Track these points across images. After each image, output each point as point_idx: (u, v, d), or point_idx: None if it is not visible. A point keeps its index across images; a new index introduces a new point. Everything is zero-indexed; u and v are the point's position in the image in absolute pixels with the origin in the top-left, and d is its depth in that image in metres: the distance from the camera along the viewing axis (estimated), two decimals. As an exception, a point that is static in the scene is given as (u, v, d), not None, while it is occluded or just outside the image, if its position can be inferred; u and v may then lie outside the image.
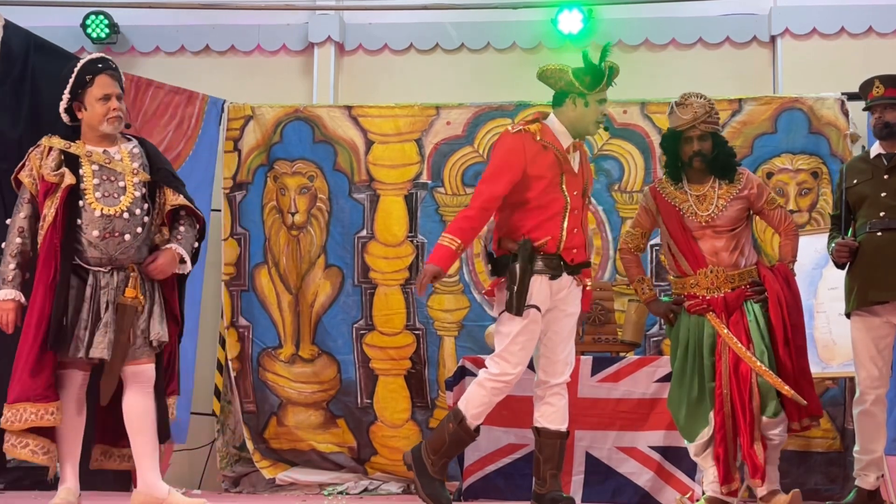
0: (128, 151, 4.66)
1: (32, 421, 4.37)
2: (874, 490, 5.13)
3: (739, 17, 7.42)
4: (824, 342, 5.92)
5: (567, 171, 4.70)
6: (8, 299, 4.49)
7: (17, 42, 6.12)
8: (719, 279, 4.88)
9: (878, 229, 4.98)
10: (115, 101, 4.60)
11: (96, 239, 4.49)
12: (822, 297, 5.98)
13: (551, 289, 4.68)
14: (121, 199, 4.55)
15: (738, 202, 4.93)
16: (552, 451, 4.74)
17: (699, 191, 4.97)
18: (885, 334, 5.04)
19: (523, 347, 4.65)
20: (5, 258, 4.52)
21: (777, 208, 5.05)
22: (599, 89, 4.76)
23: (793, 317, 4.83)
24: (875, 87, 5.12)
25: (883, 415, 5.05)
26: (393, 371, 6.81)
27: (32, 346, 4.40)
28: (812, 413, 4.79)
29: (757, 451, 4.69)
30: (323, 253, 6.96)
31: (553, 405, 4.73)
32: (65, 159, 4.56)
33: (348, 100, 7.42)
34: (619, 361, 5.94)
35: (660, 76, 7.24)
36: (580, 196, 4.74)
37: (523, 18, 7.49)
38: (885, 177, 5.05)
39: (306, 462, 6.83)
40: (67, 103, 4.63)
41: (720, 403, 4.77)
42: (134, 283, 4.54)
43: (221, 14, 7.68)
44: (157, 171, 4.69)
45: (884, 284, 4.92)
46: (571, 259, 4.71)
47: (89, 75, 4.60)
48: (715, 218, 4.91)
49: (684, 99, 4.96)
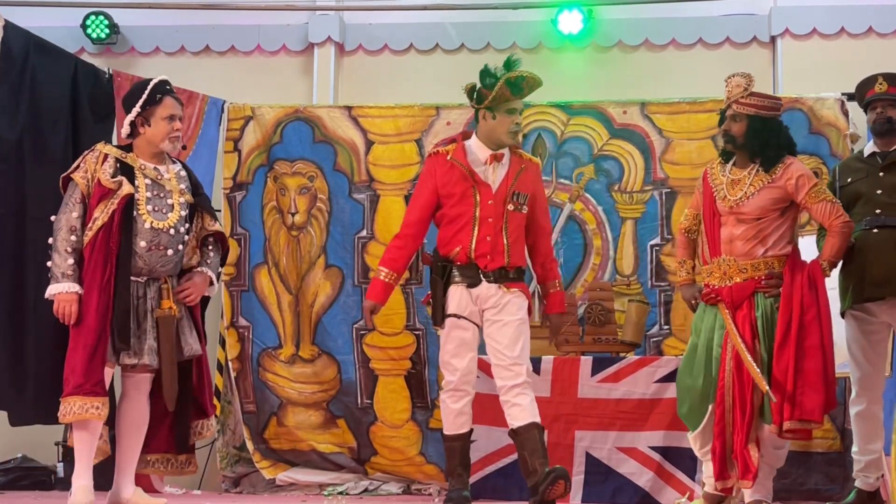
0: (175, 172, 4.92)
1: (78, 414, 4.56)
2: (874, 491, 5.13)
3: (739, 17, 7.42)
4: (824, 343, 5.90)
5: (479, 182, 4.96)
6: (72, 291, 4.66)
7: (16, 42, 6.12)
8: (730, 269, 4.78)
9: (874, 226, 4.98)
10: (178, 123, 4.86)
11: (143, 250, 4.71)
12: (822, 297, 5.97)
13: (471, 296, 4.95)
14: (168, 215, 4.79)
15: (770, 191, 4.77)
16: (534, 443, 4.86)
17: (737, 174, 4.86)
18: (880, 334, 5.03)
19: (454, 354, 4.96)
20: (60, 253, 4.70)
21: (823, 202, 4.75)
22: (506, 101, 4.91)
23: (806, 315, 4.64)
24: (878, 83, 5.10)
25: (880, 415, 5.04)
26: (393, 371, 6.81)
27: (87, 343, 4.59)
28: (804, 417, 4.57)
29: (751, 452, 4.62)
30: (323, 253, 6.96)
31: (519, 404, 4.90)
32: (120, 168, 4.76)
33: (348, 100, 7.42)
34: (619, 362, 5.94)
35: (660, 76, 7.25)
36: (499, 204, 4.94)
37: (523, 19, 7.49)
38: (880, 174, 5.05)
39: (306, 462, 6.82)
40: (135, 117, 4.81)
41: (720, 397, 4.70)
42: (168, 295, 4.78)
43: (221, 14, 7.68)
44: (199, 195, 4.98)
45: (880, 281, 4.91)
46: (485, 266, 4.94)
47: (159, 94, 4.83)
48: (741, 204, 4.78)
49: (729, 78, 4.90)
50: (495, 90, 4.91)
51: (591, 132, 6.82)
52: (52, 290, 4.68)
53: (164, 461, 4.96)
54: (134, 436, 4.83)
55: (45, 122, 6.25)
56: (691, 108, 6.72)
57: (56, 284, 4.67)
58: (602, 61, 7.51)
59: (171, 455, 4.96)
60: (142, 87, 4.86)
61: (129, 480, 4.87)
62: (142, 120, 4.82)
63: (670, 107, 6.74)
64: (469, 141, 5.08)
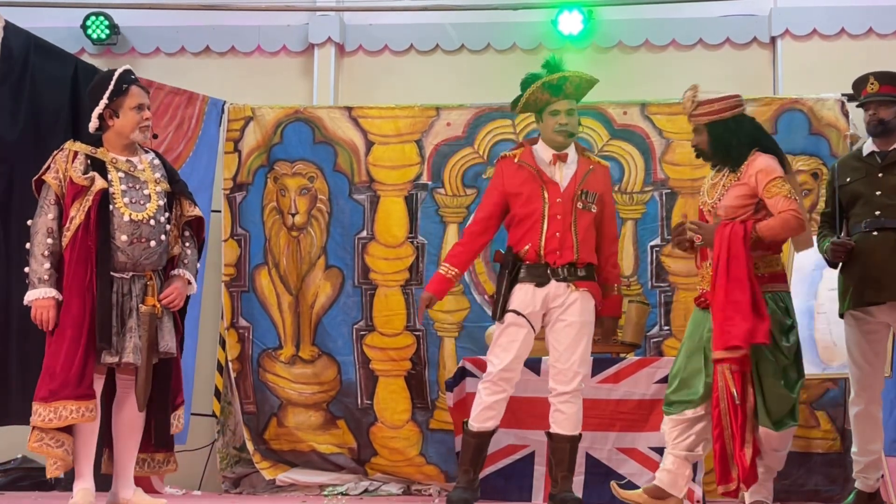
0: (148, 162, 4.85)
1: (73, 418, 4.51)
2: (874, 492, 5.12)
3: (739, 17, 7.42)
4: (824, 343, 5.90)
5: (547, 181, 5.08)
6: (48, 297, 4.61)
7: (17, 43, 6.12)
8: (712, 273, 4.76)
9: (874, 228, 4.95)
10: (147, 112, 4.80)
11: (124, 244, 4.64)
12: (822, 297, 5.96)
13: (538, 296, 5.03)
14: (146, 205, 4.72)
15: (737, 189, 4.77)
16: (563, 454, 5.05)
17: (715, 178, 4.90)
18: (879, 334, 5.02)
19: (504, 348, 5.04)
20: (36, 258, 4.65)
21: (777, 196, 4.66)
22: (547, 103, 5.11)
23: (733, 247, 4.58)
24: (870, 83, 5.07)
25: (880, 415, 5.03)
26: (393, 372, 6.81)
27: (73, 346, 4.53)
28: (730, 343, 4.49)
29: (746, 454, 4.58)
30: (323, 254, 6.96)
31: (564, 412, 5.04)
32: (91, 164, 4.69)
33: (348, 101, 7.41)
34: (619, 362, 5.94)
35: (660, 77, 7.24)
36: (567, 202, 5.05)
37: (523, 19, 7.49)
38: (879, 175, 5.01)
39: (306, 463, 6.82)
40: (103, 109, 4.75)
41: (716, 399, 4.66)
42: (152, 292, 4.71)
43: (222, 15, 7.68)
44: (175, 182, 4.91)
45: (880, 284, 4.89)
46: (554, 261, 5.02)
47: (126, 84, 4.77)
48: (717, 206, 4.81)
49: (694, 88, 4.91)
50: (526, 96, 5.14)
51: (591, 133, 6.82)
52: (30, 296, 4.63)
53: (141, 461, 4.90)
54: (130, 436, 4.79)
55: (45, 122, 6.25)
56: (691, 109, 6.72)
57: (33, 290, 4.62)
58: (602, 62, 7.50)
59: (148, 455, 4.91)
60: (106, 78, 4.80)
61: (129, 481, 4.84)
62: (110, 112, 4.76)
63: (670, 107, 6.73)
64: (535, 145, 5.26)
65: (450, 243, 6.81)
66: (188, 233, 4.95)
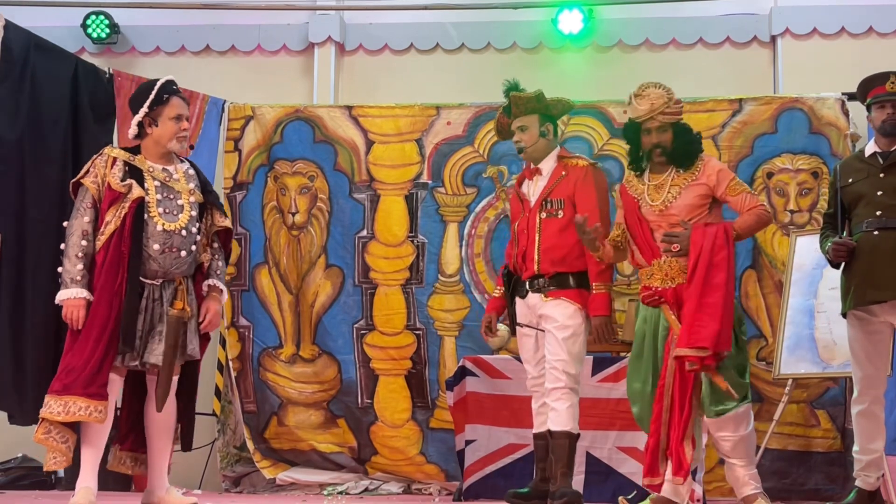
0: (183, 172, 4.94)
1: (81, 415, 4.57)
2: (874, 490, 5.12)
3: (740, 17, 7.43)
4: (825, 342, 5.90)
5: (524, 199, 5.36)
6: (80, 297, 4.68)
7: (17, 42, 6.12)
8: (672, 270, 4.76)
9: (875, 228, 4.93)
10: (185, 122, 4.88)
11: (156, 252, 4.73)
12: (822, 297, 5.97)
13: (526, 306, 5.28)
14: (179, 216, 4.81)
15: (694, 189, 4.80)
16: (561, 451, 5.10)
17: (657, 180, 4.88)
18: (882, 333, 5.02)
19: (526, 360, 5.39)
20: (70, 259, 4.72)
21: (741, 194, 4.80)
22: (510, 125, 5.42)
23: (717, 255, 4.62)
24: (890, 81, 5.01)
25: (881, 414, 5.02)
26: (393, 371, 6.81)
27: (96, 346, 4.61)
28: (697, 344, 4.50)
29: (685, 449, 4.59)
30: (323, 253, 6.96)
31: (556, 409, 5.13)
32: (129, 171, 4.78)
33: (348, 100, 7.42)
34: (619, 361, 5.93)
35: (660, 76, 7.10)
36: (532, 216, 5.27)
37: (524, 18, 7.50)
38: (881, 175, 4.99)
39: (307, 462, 6.82)
40: (143, 117, 4.83)
41: (660, 394, 4.68)
42: (182, 296, 4.79)
43: (222, 14, 7.68)
44: (208, 192, 5.00)
45: (881, 284, 4.88)
46: (522, 276, 5.28)
47: (166, 94, 4.85)
48: (669, 206, 4.81)
49: (642, 90, 4.90)
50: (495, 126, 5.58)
51: (591, 132, 6.82)
52: (62, 295, 4.70)
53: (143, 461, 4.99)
54: (163, 436, 4.88)
55: (45, 122, 6.25)
56: (691, 108, 6.67)
57: (65, 290, 4.69)
58: (602, 61, 7.51)
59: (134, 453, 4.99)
60: (149, 87, 4.88)
61: (162, 480, 4.91)
62: (149, 120, 4.84)
63: (670, 107, 6.72)
64: None
65: (450, 242, 6.83)
66: (217, 244, 5.04)
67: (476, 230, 6.86)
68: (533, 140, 5.33)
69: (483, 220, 6.86)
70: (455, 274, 6.82)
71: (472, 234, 6.86)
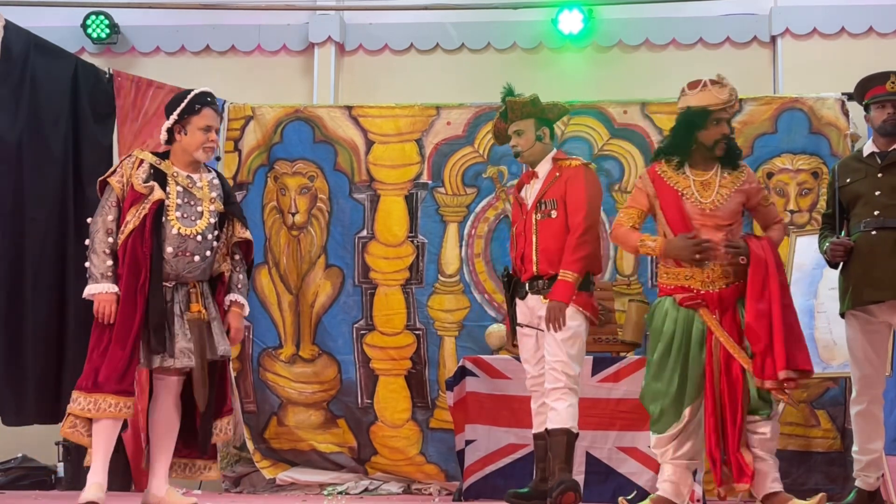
0: (208, 181, 5.02)
1: (111, 412, 4.66)
2: (874, 490, 5.12)
3: (740, 17, 7.43)
4: (825, 342, 5.90)
5: (521, 202, 5.43)
6: (111, 292, 4.76)
7: (17, 42, 6.12)
8: (715, 273, 4.69)
9: (873, 228, 4.93)
10: (214, 134, 4.98)
11: (169, 255, 4.81)
12: (822, 297, 5.96)
13: (526, 306, 5.32)
14: (197, 222, 4.90)
15: (738, 195, 4.78)
16: (559, 447, 5.12)
17: (702, 177, 4.80)
18: (880, 333, 5.02)
19: (524, 360, 5.43)
20: (98, 254, 4.81)
21: (771, 206, 5.01)
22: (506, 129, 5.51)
23: (781, 275, 4.65)
24: (890, 81, 5.00)
25: (880, 414, 5.02)
26: (393, 371, 6.81)
27: (119, 344, 4.68)
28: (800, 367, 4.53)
29: (745, 455, 4.56)
30: (323, 253, 6.96)
31: (555, 408, 5.14)
32: (154, 174, 4.88)
33: (348, 100, 7.42)
34: (619, 361, 5.94)
35: (660, 76, 7.25)
36: (528, 218, 5.32)
37: (523, 18, 7.50)
38: (879, 175, 4.99)
39: (306, 462, 6.83)
40: (173, 124, 4.93)
41: (712, 405, 4.60)
42: (196, 298, 4.86)
43: (222, 14, 7.69)
44: (230, 203, 5.09)
45: (879, 284, 4.87)
46: (522, 277, 5.32)
47: (199, 105, 4.94)
48: (717, 208, 4.73)
49: (721, 78, 4.82)
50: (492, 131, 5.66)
51: (591, 132, 6.82)
52: (92, 289, 4.77)
53: (182, 466, 5.05)
54: (166, 437, 4.91)
55: (45, 122, 6.25)
56: (692, 108, 6.71)
57: (95, 285, 4.77)
58: (602, 61, 7.52)
59: (189, 459, 5.05)
60: (183, 95, 4.98)
61: (163, 481, 4.94)
62: (179, 127, 4.93)
63: (670, 107, 6.62)
64: None
65: (450, 242, 6.82)
66: (238, 256, 5.10)
67: (476, 230, 6.86)
68: (529, 144, 5.39)
69: (483, 220, 6.86)
70: (455, 274, 6.83)
71: (472, 235, 6.86)
